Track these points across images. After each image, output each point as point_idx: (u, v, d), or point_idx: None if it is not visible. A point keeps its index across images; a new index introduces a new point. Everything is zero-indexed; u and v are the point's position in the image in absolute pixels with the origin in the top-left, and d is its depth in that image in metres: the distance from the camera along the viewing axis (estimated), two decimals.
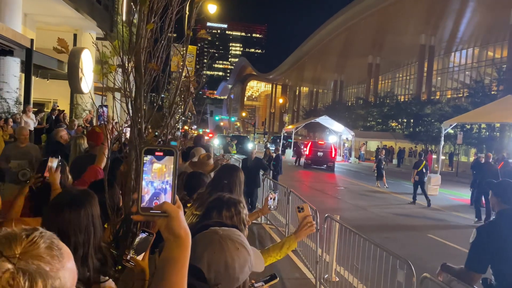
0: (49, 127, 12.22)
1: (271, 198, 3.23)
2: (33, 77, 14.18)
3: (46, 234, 0.84)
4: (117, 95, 2.59)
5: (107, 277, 1.70)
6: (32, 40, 13.02)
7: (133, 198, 1.08)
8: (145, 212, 1.05)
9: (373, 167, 21.28)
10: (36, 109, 13.90)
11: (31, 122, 11.66)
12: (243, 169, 8.53)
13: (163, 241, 1.11)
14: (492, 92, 31.32)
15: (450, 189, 19.59)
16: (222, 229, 1.36)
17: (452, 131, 27.08)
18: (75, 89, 14.88)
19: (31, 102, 13.63)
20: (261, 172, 10.98)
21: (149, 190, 1.06)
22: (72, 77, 14.04)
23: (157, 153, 1.05)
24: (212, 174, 4.88)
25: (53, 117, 13.42)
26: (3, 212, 2.65)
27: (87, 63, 14.54)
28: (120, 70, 2.31)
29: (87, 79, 12.17)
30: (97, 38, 17.09)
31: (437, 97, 46.10)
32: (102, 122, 4.61)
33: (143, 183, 1.05)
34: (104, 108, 4.84)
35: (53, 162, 2.95)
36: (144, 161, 1.06)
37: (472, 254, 3.20)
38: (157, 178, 1.06)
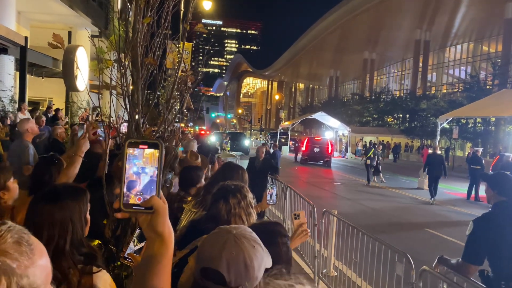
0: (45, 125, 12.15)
1: (269, 193, 3.23)
2: (27, 75, 14.09)
3: (14, 229, 0.77)
4: (113, 92, 2.57)
5: (99, 268, 1.67)
6: (26, 38, 12.93)
7: (116, 194, 1.03)
8: (128, 208, 0.98)
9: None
10: (31, 108, 13.81)
11: None
12: (250, 171, 8.30)
13: None
14: (487, 87, 31.45)
15: (446, 184, 19.66)
16: (233, 227, 1.31)
17: (448, 126, 27.18)
18: (71, 87, 14.79)
19: (26, 100, 13.55)
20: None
21: (133, 184, 0.99)
22: (67, 75, 13.95)
23: (141, 146, 1.00)
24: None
25: (49, 115, 13.34)
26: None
27: (82, 60, 14.47)
28: (116, 66, 2.30)
29: (83, 77, 12.11)
30: (92, 36, 16.97)
31: (433, 92, 46.23)
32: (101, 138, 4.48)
33: (129, 176, 0.99)
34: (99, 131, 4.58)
35: (79, 131, 2.94)
36: (129, 155, 0.99)
37: (469, 246, 3.21)
38: (142, 172, 0.99)
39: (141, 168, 1.00)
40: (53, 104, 15.99)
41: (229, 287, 1.20)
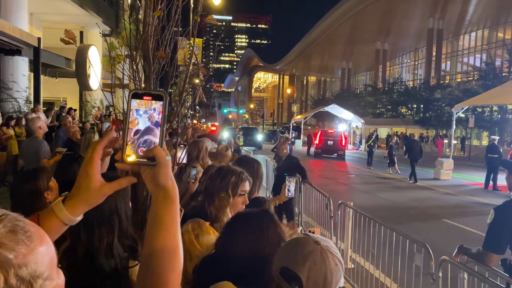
0: (58, 125, 12.30)
1: (288, 186, 3.21)
2: (41, 76, 14.27)
3: (7, 217, 0.72)
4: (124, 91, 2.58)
5: (136, 262, 1.62)
6: (39, 39, 13.08)
7: (118, 146, 1.01)
8: (131, 160, 0.97)
9: (384, 154, 21.21)
10: (45, 108, 14.00)
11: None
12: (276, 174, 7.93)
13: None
14: (504, 74, 30.81)
15: (463, 173, 19.43)
16: (321, 239, 1.34)
17: (463, 115, 26.73)
18: (84, 86, 14.94)
19: (41, 101, 13.73)
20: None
21: (136, 136, 0.98)
22: (80, 75, 14.10)
23: (145, 98, 0.98)
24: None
25: (63, 114, 13.51)
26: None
27: (95, 60, 14.59)
28: (128, 62, 2.29)
29: (96, 75, 12.21)
30: (103, 35, 17.10)
31: (447, 81, 45.48)
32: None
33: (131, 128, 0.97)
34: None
35: (105, 123, 2.95)
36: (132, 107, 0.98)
37: (490, 234, 3.15)
38: (145, 124, 0.98)
39: (144, 119, 0.98)
40: (65, 104, 16.19)
41: None
